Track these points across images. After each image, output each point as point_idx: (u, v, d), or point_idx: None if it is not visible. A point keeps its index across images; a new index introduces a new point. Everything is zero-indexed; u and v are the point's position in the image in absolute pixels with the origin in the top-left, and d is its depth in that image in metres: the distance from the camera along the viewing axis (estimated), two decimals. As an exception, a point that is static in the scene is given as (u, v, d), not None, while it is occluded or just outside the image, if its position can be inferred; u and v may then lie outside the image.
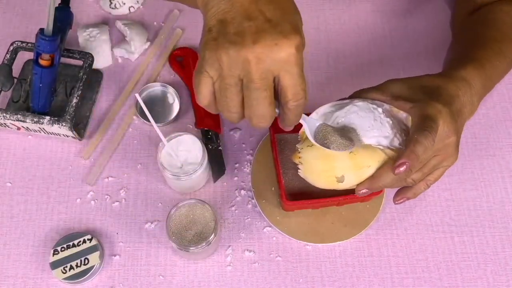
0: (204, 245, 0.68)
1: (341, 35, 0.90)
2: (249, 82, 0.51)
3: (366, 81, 0.85)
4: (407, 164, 0.58)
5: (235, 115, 0.54)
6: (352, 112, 0.63)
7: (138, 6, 0.92)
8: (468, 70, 0.67)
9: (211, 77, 0.52)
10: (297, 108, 0.54)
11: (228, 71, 0.51)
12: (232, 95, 0.52)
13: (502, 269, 0.74)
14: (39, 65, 0.74)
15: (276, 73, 0.51)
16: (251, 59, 0.49)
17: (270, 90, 0.52)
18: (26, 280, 0.72)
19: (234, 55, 0.50)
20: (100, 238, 0.74)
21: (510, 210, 0.77)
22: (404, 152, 0.59)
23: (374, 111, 0.63)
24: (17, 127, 0.79)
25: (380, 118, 0.63)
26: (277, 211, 0.76)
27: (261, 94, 0.51)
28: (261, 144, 0.80)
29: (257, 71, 0.50)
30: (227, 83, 0.51)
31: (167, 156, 0.73)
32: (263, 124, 0.54)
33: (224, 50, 0.50)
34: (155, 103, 0.83)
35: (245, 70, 0.50)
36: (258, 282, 0.73)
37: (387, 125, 0.63)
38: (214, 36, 0.51)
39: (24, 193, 0.78)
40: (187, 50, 0.87)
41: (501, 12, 0.76)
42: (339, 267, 0.74)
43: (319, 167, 0.64)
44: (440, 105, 0.61)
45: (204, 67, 0.52)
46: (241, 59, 0.50)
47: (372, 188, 0.63)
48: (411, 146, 0.59)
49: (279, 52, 0.50)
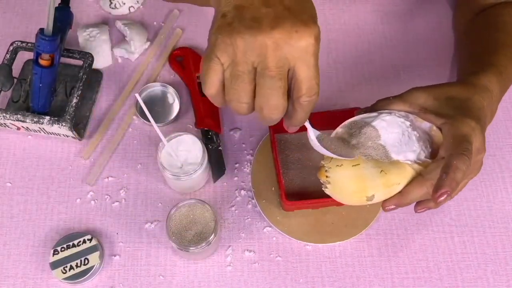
0: (204, 245, 0.68)
1: (341, 35, 0.90)
2: (264, 69, 0.48)
3: (366, 81, 0.86)
4: (448, 193, 0.58)
5: (244, 105, 0.51)
6: (381, 128, 0.62)
7: (138, 6, 0.92)
8: (489, 77, 0.66)
9: (221, 64, 0.49)
10: (308, 105, 0.51)
11: (242, 57, 0.48)
12: (244, 84, 0.50)
13: (502, 269, 0.74)
14: (39, 65, 0.74)
15: (293, 64, 0.49)
16: (269, 44, 0.47)
17: (285, 81, 0.50)
18: (26, 280, 0.72)
19: (250, 40, 0.47)
20: (100, 238, 0.74)
21: (510, 210, 0.77)
22: (444, 181, 0.58)
23: (402, 125, 0.62)
24: (17, 127, 0.79)
25: (408, 132, 0.62)
26: (277, 211, 0.76)
27: (276, 83, 0.49)
28: (261, 144, 0.80)
29: (274, 58, 0.48)
30: (240, 70, 0.49)
31: (167, 156, 0.73)
32: (274, 116, 0.52)
33: (240, 34, 0.47)
34: (155, 103, 0.83)
35: (261, 56, 0.48)
36: (258, 282, 0.73)
37: (414, 139, 0.62)
38: (229, 21, 0.48)
39: (24, 193, 0.78)
40: (187, 50, 0.87)
41: (509, 16, 0.76)
42: (339, 267, 0.74)
43: (350, 188, 0.62)
44: (473, 122, 0.60)
45: (215, 52, 0.49)
46: (258, 45, 0.47)
47: (400, 205, 0.62)
48: (451, 174, 0.57)
49: (299, 40, 0.48)
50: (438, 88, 0.65)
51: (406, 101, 0.64)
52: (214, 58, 0.50)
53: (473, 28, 0.79)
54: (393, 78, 0.86)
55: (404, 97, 0.65)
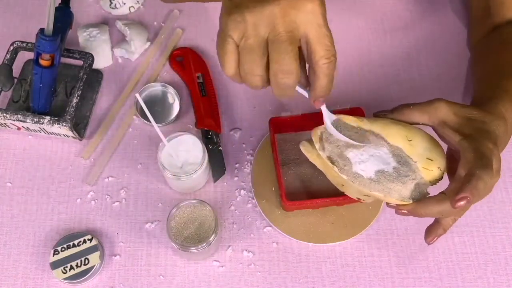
0: (204, 246, 0.68)
1: (341, 35, 0.89)
2: (276, 36, 0.51)
3: (366, 82, 0.86)
4: (468, 199, 0.57)
5: (258, 78, 0.53)
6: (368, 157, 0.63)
7: (138, 6, 0.92)
8: (505, 105, 0.65)
9: (235, 41, 0.52)
10: (328, 68, 0.53)
11: (253, 30, 0.51)
12: (256, 56, 0.52)
13: (502, 269, 0.74)
14: (39, 65, 0.74)
15: (303, 28, 0.51)
16: (276, 12, 0.50)
17: (296, 44, 0.52)
18: (26, 280, 0.72)
19: (259, 11, 0.50)
20: (101, 238, 0.74)
21: (510, 210, 0.77)
22: (466, 186, 0.57)
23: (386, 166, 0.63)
24: (17, 127, 0.79)
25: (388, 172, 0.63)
26: (277, 211, 0.76)
27: (287, 47, 0.51)
28: (261, 144, 0.80)
29: (283, 23, 0.51)
30: (252, 43, 0.51)
31: (167, 156, 0.73)
32: (289, 80, 0.53)
33: (248, 9, 0.51)
34: (155, 103, 0.83)
35: (271, 25, 0.51)
36: (258, 282, 0.73)
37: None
38: (237, 2, 0.52)
39: (24, 193, 0.78)
40: (187, 50, 0.87)
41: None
42: (339, 267, 0.74)
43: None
44: (492, 145, 0.60)
45: (228, 32, 0.52)
46: (267, 14, 0.50)
47: (414, 213, 0.61)
48: (473, 182, 0.57)
49: (305, 4, 0.51)
50: (459, 106, 0.64)
51: (426, 111, 0.64)
52: (227, 38, 0.52)
53: (487, 47, 0.79)
54: (392, 78, 0.86)
55: (425, 107, 0.64)
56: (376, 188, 0.61)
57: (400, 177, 0.62)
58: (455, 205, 0.57)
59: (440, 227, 0.66)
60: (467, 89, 0.85)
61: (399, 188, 0.62)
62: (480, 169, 0.58)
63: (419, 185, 0.62)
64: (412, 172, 0.63)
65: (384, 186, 0.61)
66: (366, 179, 0.62)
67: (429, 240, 0.67)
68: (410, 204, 0.61)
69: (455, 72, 0.87)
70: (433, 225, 0.67)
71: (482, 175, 0.57)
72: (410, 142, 0.63)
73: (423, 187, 0.63)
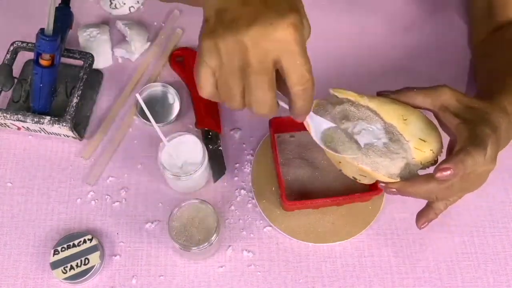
0: (206, 245, 0.68)
1: (341, 34, 0.90)
2: (247, 67, 0.49)
3: (367, 81, 0.86)
4: (451, 171, 0.55)
5: (235, 104, 0.53)
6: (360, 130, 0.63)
7: (139, 6, 0.92)
8: (508, 99, 0.65)
9: (211, 67, 0.51)
10: (304, 93, 0.51)
11: (226, 59, 0.50)
12: (233, 85, 0.51)
13: (502, 269, 0.74)
14: (40, 65, 0.74)
15: (276, 56, 0.49)
16: (247, 42, 0.48)
17: (269, 74, 0.50)
18: (26, 280, 0.72)
19: (230, 41, 0.49)
20: (101, 238, 0.75)
21: (510, 210, 0.78)
22: (452, 158, 0.56)
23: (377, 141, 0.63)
24: (18, 127, 0.79)
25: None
26: (277, 211, 0.76)
27: (259, 78, 0.50)
28: (261, 144, 0.80)
29: (254, 55, 0.49)
30: (227, 71, 0.50)
31: (167, 156, 0.73)
32: (264, 111, 0.52)
33: (221, 38, 0.49)
34: (155, 103, 0.83)
35: (242, 55, 0.49)
36: (258, 282, 0.73)
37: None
38: (211, 26, 0.50)
39: (25, 193, 0.78)
40: (187, 50, 0.87)
41: None
42: (339, 267, 0.74)
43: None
44: (490, 131, 0.59)
45: (203, 57, 0.51)
46: (237, 45, 0.49)
47: (402, 191, 0.61)
48: (461, 155, 0.56)
49: (275, 32, 0.48)
50: (463, 95, 0.64)
51: (430, 95, 0.64)
52: (203, 63, 0.51)
53: (491, 46, 0.79)
54: (394, 77, 0.86)
55: (429, 91, 0.64)
56: (364, 161, 0.61)
57: (389, 153, 0.61)
58: (436, 174, 0.56)
59: (431, 211, 0.66)
60: (469, 88, 0.85)
61: (387, 164, 0.61)
62: (471, 146, 0.57)
63: (410, 165, 0.62)
64: (403, 151, 0.62)
65: (371, 160, 0.61)
66: (356, 151, 0.61)
67: (420, 224, 0.67)
68: (398, 182, 0.61)
69: (456, 71, 0.87)
70: (424, 209, 0.67)
71: (472, 151, 0.57)
72: (404, 121, 0.63)
73: (414, 167, 0.62)
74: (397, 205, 0.77)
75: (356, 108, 0.63)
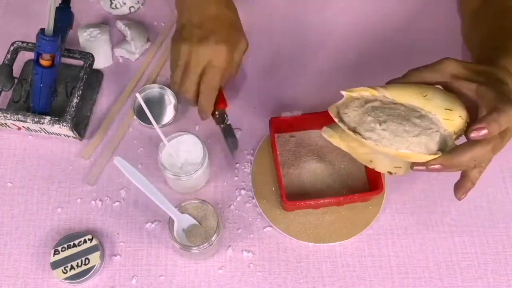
0: (206, 245, 0.68)
1: (341, 30, 0.90)
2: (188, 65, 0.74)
3: (367, 74, 0.85)
4: (486, 130, 0.55)
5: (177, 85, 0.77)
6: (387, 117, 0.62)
7: (139, 6, 0.92)
8: (508, 61, 0.65)
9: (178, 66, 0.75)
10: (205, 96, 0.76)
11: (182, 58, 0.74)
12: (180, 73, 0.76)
13: (502, 269, 0.74)
14: (40, 65, 0.74)
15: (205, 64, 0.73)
16: (193, 52, 0.73)
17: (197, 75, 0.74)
18: (27, 280, 0.73)
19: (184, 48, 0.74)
20: (101, 238, 0.75)
21: (510, 210, 0.78)
22: (485, 117, 0.56)
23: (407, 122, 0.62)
24: (18, 127, 0.79)
25: None
26: (277, 211, 0.76)
27: (191, 75, 0.74)
28: (261, 144, 0.80)
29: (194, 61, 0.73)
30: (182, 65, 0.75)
31: (167, 156, 0.73)
32: (186, 95, 0.76)
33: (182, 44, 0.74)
34: (152, 105, 0.83)
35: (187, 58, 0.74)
36: (259, 282, 0.73)
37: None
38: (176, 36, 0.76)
39: (25, 193, 0.78)
40: (187, 50, 0.87)
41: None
42: (339, 267, 0.74)
43: None
44: (508, 87, 0.59)
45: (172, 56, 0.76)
46: (187, 52, 0.73)
47: (446, 164, 0.59)
48: (494, 115, 0.56)
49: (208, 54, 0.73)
50: (467, 62, 0.64)
51: (437, 70, 0.64)
52: (173, 59, 0.76)
53: (482, 15, 0.79)
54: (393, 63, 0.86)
55: (434, 66, 0.64)
56: (401, 145, 0.59)
57: (424, 130, 0.60)
58: (470, 134, 0.56)
59: (468, 181, 0.64)
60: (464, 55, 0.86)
61: (425, 142, 0.60)
62: (504, 103, 0.57)
63: (445, 138, 0.60)
64: (434, 125, 0.60)
65: (409, 142, 0.59)
66: (390, 138, 0.60)
67: (459, 195, 0.64)
68: (440, 156, 0.59)
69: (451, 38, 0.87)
70: (460, 181, 0.65)
71: (505, 108, 0.56)
72: (425, 97, 0.61)
73: (449, 139, 0.60)
74: (397, 205, 0.77)
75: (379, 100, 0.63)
